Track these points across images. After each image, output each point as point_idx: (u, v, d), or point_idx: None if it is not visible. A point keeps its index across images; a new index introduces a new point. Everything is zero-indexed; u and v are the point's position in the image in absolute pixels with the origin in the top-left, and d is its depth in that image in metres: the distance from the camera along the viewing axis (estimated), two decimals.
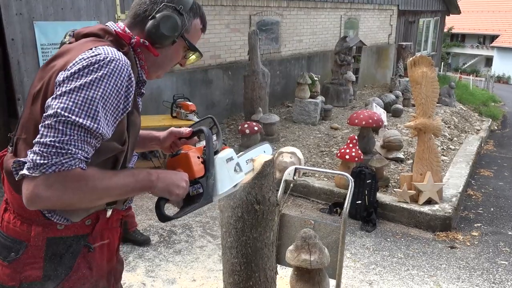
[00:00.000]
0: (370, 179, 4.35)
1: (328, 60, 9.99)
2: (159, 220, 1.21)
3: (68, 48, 1.16)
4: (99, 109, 1.03)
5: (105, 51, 1.08)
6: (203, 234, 3.96)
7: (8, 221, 1.18)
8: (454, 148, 6.63)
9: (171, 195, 1.19)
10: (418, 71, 4.27)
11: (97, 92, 1.03)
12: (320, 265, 2.06)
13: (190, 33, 1.28)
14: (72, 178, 1.01)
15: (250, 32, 6.74)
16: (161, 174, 1.17)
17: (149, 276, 3.24)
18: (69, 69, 1.05)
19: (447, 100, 9.72)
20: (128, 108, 1.14)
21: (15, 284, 1.17)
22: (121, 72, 1.08)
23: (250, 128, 5.80)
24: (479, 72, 28.30)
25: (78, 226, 1.18)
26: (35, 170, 0.99)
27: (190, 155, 1.24)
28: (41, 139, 1.00)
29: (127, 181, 1.12)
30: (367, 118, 5.38)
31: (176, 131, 1.50)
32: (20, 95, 4.73)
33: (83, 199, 1.06)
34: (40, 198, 0.99)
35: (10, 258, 1.16)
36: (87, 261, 1.22)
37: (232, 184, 1.33)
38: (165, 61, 1.29)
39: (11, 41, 4.57)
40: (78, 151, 1.01)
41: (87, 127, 1.01)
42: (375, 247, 3.84)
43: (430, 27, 15.79)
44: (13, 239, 1.17)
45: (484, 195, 5.26)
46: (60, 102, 1.01)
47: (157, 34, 1.19)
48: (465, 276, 3.40)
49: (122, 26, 1.22)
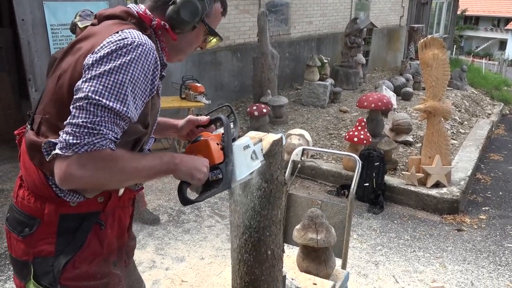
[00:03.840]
0: (378, 162, 4.35)
1: (338, 42, 9.88)
2: (181, 203, 1.23)
3: (93, 31, 1.17)
4: (128, 93, 1.06)
5: (132, 35, 1.10)
6: (211, 214, 4.01)
7: (22, 197, 1.21)
8: (464, 132, 6.58)
9: (193, 179, 1.20)
10: (429, 53, 4.22)
11: (126, 76, 1.05)
12: (326, 243, 2.09)
13: (210, 17, 1.28)
14: (103, 158, 1.04)
15: (260, 13, 6.68)
16: (184, 158, 1.20)
17: (158, 254, 3.31)
18: (97, 52, 1.07)
19: (458, 83, 9.58)
20: (154, 91, 1.16)
21: (29, 259, 1.21)
22: (148, 56, 1.09)
23: (259, 110, 5.80)
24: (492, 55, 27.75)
25: (90, 203, 1.20)
26: (67, 149, 1.01)
27: (210, 141, 1.26)
28: (73, 120, 1.02)
29: (153, 163, 1.14)
30: (376, 100, 5.34)
31: (194, 119, 1.51)
32: (31, 76, 4.76)
33: (112, 180, 1.09)
34: (73, 177, 1.02)
35: (24, 233, 1.20)
36: (99, 238, 1.25)
37: (249, 171, 1.36)
38: (186, 45, 1.30)
39: (21, 22, 4.58)
40: (108, 132, 1.04)
41: (117, 110, 1.04)
42: (381, 229, 3.87)
43: (443, 9, 15.46)
44: (28, 215, 1.20)
45: (493, 179, 5.23)
46: (91, 85, 1.03)
47: (177, 20, 1.20)
48: (471, 258, 3.42)
49: (143, 9, 1.23)
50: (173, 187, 4.54)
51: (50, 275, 1.19)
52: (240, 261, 1.73)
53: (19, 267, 1.24)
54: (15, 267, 1.27)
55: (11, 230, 1.24)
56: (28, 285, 1.23)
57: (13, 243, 1.24)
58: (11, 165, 5.03)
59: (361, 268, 3.23)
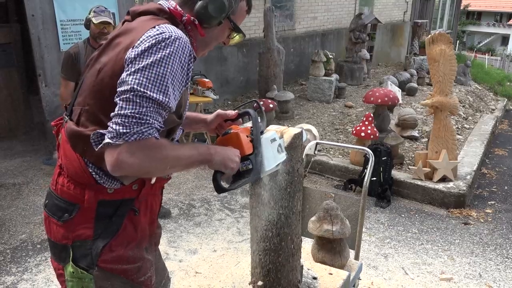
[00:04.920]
0: (385, 156, 4.39)
1: (342, 37, 9.90)
2: (216, 191, 1.31)
3: (130, 26, 1.24)
4: (169, 84, 1.12)
5: (168, 29, 1.16)
6: (221, 208, 4.07)
7: (62, 184, 1.27)
8: (469, 127, 6.62)
9: (226, 168, 1.27)
10: (436, 49, 4.25)
11: (166, 69, 1.11)
12: (341, 235, 2.14)
13: (236, 14, 1.34)
14: (150, 146, 1.10)
15: (266, 8, 6.70)
16: (218, 149, 1.27)
17: (171, 246, 3.37)
18: (137, 46, 1.13)
19: (462, 79, 9.61)
20: (188, 82, 1.23)
21: (68, 242, 1.27)
22: (184, 49, 1.16)
23: (265, 105, 5.84)
24: (494, 51, 27.70)
25: (126, 190, 1.27)
26: (118, 138, 1.07)
27: (240, 134, 1.34)
28: (121, 111, 1.08)
29: (192, 152, 1.21)
30: (383, 96, 5.38)
31: (223, 113, 1.58)
32: (41, 71, 4.80)
33: (157, 167, 1.15)
34: (124, 164, 1.08)
35: (64, 218, 1.26)
36: (133, 223, 1.32)
37: (276, 163, 1.43)
38: (211, 40, 1.36)
39: (32, 17, 4.63)
40: (154, 121, 1.10)
41: (160, 101, 1.10)
42: (389, 222, 3.92)
43: (446, 4, 15.44)
44: (67, 201, 1.26)
45: (498, 173, 5.28)
46: (135, 78, 1.09)
47: (205, 15, 1.26)
48: (479, 251, 3.48)
49: (174, 4, 1.28)
50: (182, 182, 4.60)
51: (88, 258, 1.26)
52: (260, 251, 1.79)
53: (58, 251, 1.31)
54: (54, 250, 1.33)
55: (51, 215, 1.30)
56: (66, 267, 1.29)
57: (53, 228, 1.30)
58: (21, 159, 5.09)
59: (371, 260, 3.28)
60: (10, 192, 4.27)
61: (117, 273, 1.30)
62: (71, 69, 3.37)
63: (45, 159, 4.98)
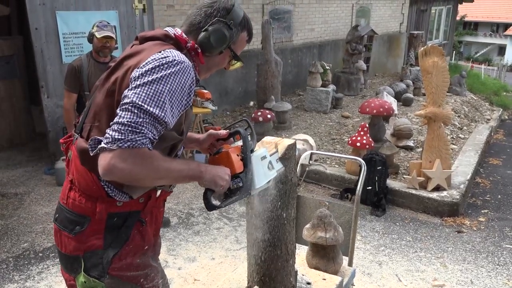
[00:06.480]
0: (380, 166, 4.49)
1: (339, 49, 10.06)
2: (206, 209, 1.38)
3: (138, 49, 1.35)
4: (166, 101, 1.22)
5: (172, 54, 1.26)
6: (219, 217, 4.15)
7: (73, 198, 1.36)
8: (464, 137, 6.73)
9: (216, 186, 1.35)
10: (429, 61, 4.37)
11: (165, 87, 1.21)
12: (335, 242, 2.23)
13: (236, 44, 1.46)
14: (142, 155, 1.19)
15: (264, 21, 6.85)
16: (208, 167, 1.35)
17: (170, 255, 3.45)
18: (142, 67, 1.24)
19: (457, 89, 9.75)
20: (190, 104, 1.32)
21: (80, 254, 1.36)
22: (185, 72, 1.26)
23: (263, 116, 5.95)
24: (491, 61, 27.95)
25: (133, 203, 1.36)
26: (112, 144, 1.15)
27: (230, 153, 1.42)
28: (119, 120, 1.18)
29: (182, 167, 1.30)
30: (378, 106, 5.49)
31: (215, 133, 1.68)
32: (44, 83, 4.90)
33: (148, 176, 1.23)
34: (116, 168, 1.16)
35: (76, 230, 1.35)
36: (140, 233, 1.41)
37: (266, 180, 1.51)
38: (213, 66, 1.48)
39: (35, 30, 4.75)
40: (148, 132, 1.19)
41: (156, 115, 1.20)
42: (384, 230, 4.01)
43: (442, 15, 15.67)
44: (79, 214, 1.35)
45: (492, 182, 5.38)
46: (135, 93, 1.20)
47: (207, 45, 1.37)
48: (471, 258, 3.56)
49: (179, 32, 1.40)
50: (181, 191, 4.68)
51: (99, 267, 1.35)
52: (256, 257, 1.87)
53: (70, 262, 1.39)
54: (65, 262, 1.41)
55: (62, 229, 1.38)
56: (78, 278, 1.37)
57: (64, 241, 1.38)
58: (23, 169, 5.18)
59: (365, 268, 3.36)
60: (12, 202, 4.35)
61: (127, 279, 1.39)
62: (74, 81, 3.49)
63: (47, 169, 5.07)
